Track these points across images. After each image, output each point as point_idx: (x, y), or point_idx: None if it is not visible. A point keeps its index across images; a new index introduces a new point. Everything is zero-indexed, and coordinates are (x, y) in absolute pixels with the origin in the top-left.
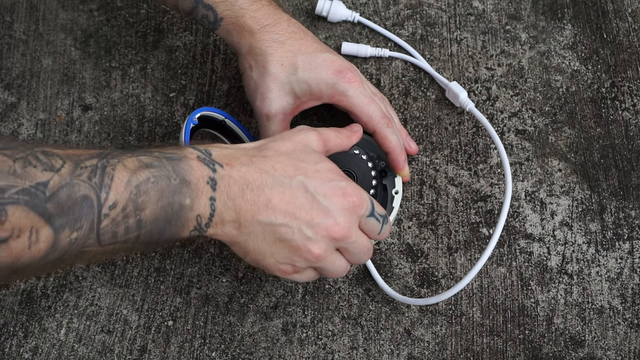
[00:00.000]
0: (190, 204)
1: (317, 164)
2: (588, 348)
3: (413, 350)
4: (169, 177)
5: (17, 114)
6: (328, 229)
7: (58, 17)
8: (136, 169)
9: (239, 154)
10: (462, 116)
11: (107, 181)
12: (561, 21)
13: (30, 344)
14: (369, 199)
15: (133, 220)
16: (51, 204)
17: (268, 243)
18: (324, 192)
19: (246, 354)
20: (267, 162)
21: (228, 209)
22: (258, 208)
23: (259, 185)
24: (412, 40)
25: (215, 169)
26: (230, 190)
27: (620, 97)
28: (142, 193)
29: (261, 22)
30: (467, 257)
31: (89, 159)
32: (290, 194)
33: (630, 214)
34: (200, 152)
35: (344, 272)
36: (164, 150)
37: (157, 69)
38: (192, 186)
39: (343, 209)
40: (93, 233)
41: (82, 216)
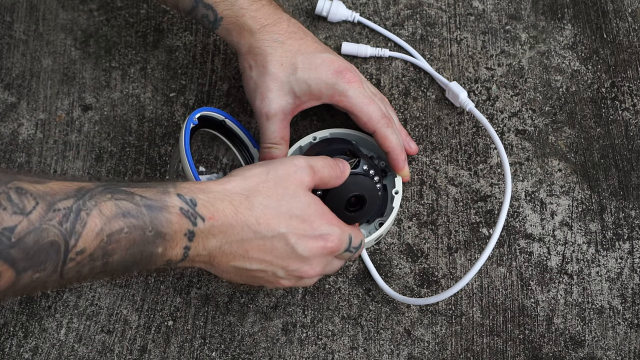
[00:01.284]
0: (163, 251)
1: (304, 211)
2: (588, 348)
3: (413, 350)
4: (143, 229)
5: (17, 114)
6: (301, 273)
7: (58, 17)
8: (111, 217)
9: (225, 205)
10: (462, 116)
11: (79, 228)
12: (561, 21)
13: (30, 344)
14: (347, 238)
15: (100, 263)
16: (16, 249)
17: (240, 276)
18: (305, 245)
19: (246, 354)
20: (252, 215)
21: (200, 255)
22: (234, 257)
23: (238, 240)
24: (412, 40)
25: (196, 222)
26: (207, 243)
27: (620, 97)
28: (113, 242)
29: (261, 22)
30: (467, 257)
31: (64, 200)
32: (270, 246)
33: (630, 214)
34: (185, 203)
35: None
36: (146, 195)
37: (157, 69)
38: (167, 237)
39: (321, 256)
40: (56, 273)
41: (47, 260)
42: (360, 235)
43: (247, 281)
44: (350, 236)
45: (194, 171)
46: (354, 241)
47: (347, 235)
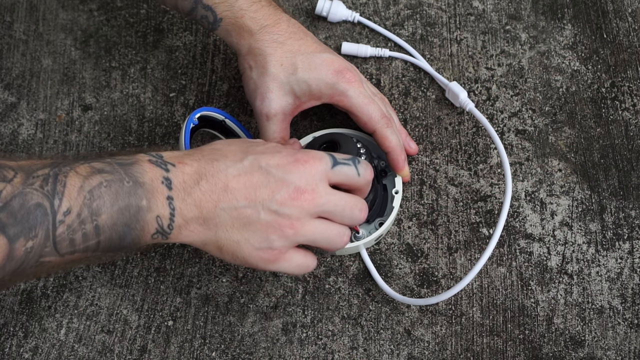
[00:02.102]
0: (148, 205)
1: (265, 145)
2: (588, 348)
3: (413, 350)
4: (121, 180)
5: (17, 114)
6: (291, 197)
7: (58, 17)
8: (88, 175)
9: (190, 152)
10: (462, 116)
11: (60, 188)
12: (561, 21)
13: (30, 344)
14: (326, 154)
15: (90, 226)
16: (4, 213)
17: (238, 229)
18: (276, 164)
19: (246, 354)
20: (217, 152)
21: (188, 205)
22: (217, 196)
23: (212, 174)
24: (412, 40)
25: (167, 168)
26: (186, 186)
27: (620, 97)
28: (96, 197)
29: (261, 23)
30: (467, 257)
31: (40, 169)
32: (245, 175)
33: (630, 214)
34: (151, 156)
35: (343, 239)
36: (115, 157)
37: (157, 69)
38: (146, 187)
39: (300, 174)
40: (49, 241)
41: (36, 224)
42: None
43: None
44: (330, 154)
45: None
46: (339, 156)
47: (322, 152)
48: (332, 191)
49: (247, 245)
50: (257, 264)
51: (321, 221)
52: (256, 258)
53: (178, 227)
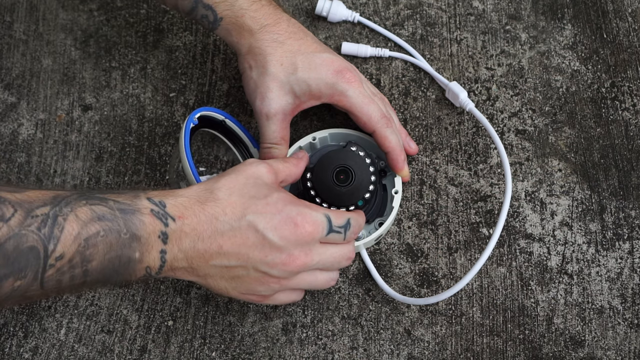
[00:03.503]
0: (140, 257)
1: (267, 197)
2: (588, 348)
3: (413, 350)
4: (119, 232)
5: (17, 114)
6: (283, 263)
7: (58, 17)
8: (87, 221)
9: (192, 203)
10: (462, 116)
11: (57, 232)
12: (561, 21)
13: (30, 344)
14: (324, 217)
15: (79, 270)
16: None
17: (226, 280)
18: (273, 227)
19: (246, 354)
20: (218, 207)
21: (179, 259)
22: (210, 255)
23: (210, 235)
24: (412, 40)
25: (167, 222)
26: (181, 243)
27: (620, 97)
28: (90, 246)
29: (261, 22)
30: (467, 257)
31: (41, 207)
32: (241, 236)
33: (630, 214)
34: (155, 205)
35: (330, 283)
36: (119, 199)
37: (157, 69)
38: (142, 241)
39: (296, 241)
40: (37, 281)
41: (27, 266)
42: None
43: (236, 288)
44: (328, 215)
45: (194, 171)
46: (335, 220)
47: (321, 215)
48: (322, 251)
49: (234, 292)
50: (244, 300)
51: (310, 273)
52: (243, 298)
53: (165, 272)
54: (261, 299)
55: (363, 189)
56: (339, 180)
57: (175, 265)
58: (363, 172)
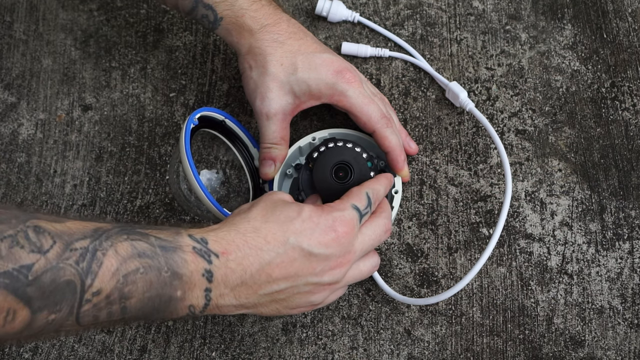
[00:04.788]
0: (182, 295)
1: (301, 214)
2: (588, 348)
3: (413, 350)
4: (159, 270)
5: (17, 114)
6: (332, 268)
7: (58, 17)
8: (127, 257)
9: (233, 236)
10: (462, 116)
11: (95, 268)
12: (561, 21)
13: (30, 344)
14: (354, 211)
15: (117, 307)
16: (32, 287)
17: (277, 302)
18: (317, 242)
19: (246, 354)
20: (259, 236)
21: (225, 296)
22: (259, 286)
23: (257, 268)
24: (412, 40)
25: (211, 260)
26: (227, 280)
27: (620, 97)
28: (129, 283)
29: (261, 22)
30: (467, 257)
31: (81, 239)
32: (288, 260)
33: (630, 214)
34: (197, 242)
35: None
36: (160, 235)
37: (157, 69)
38: (184, 279)
39: (339, 245)
40: (72, 316)
41: (63, 300)
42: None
43: (288, 306)
44: (354, 205)
45: (194, 171)
46: (360, 205)
47: (350, 210)
48: (361, 239)
49: (286, 310)
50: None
51: (354, 268)
52: (296, 312)
53: (210, 310)
54: (313, 307)
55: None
56: (338, 177)
57: (222, 303)
58: (362, 168)
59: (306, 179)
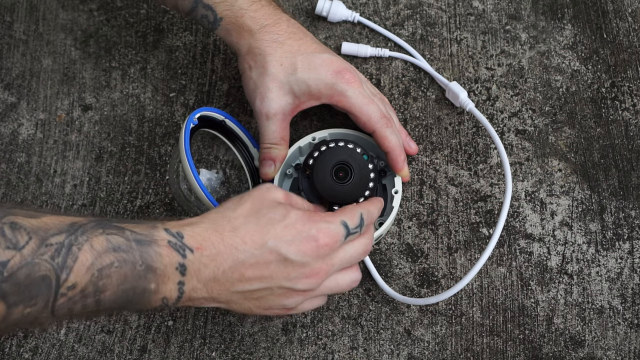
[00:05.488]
0: (156, 288)
1: (285, 219)
2: (588, 348)
3: (413, 350)
4: (134, 263)
5: (17, 114)
6: (306, 276)
7: (58, 17)
8: (102, 252)
9: (210, 233)
10: (462, 116)
11: (70, 262)
12: (561, 21)
13: (30, 344)
14: (341, 226)
15: (92, 300)
16: (8, 284)
17: (250, 301)
18: (297, 249)
19: (246, 354)
20: (237, 236)
21: (197, 290)
22: (231, 283)
23: (230, 265)
24: (412, 40)
25: (185, 254)
26: (200, 275)
27: (620, 97)
28: (104, 277)
29: (261, 22)
30: (467, 257)
31: (57, 235)
32: (263, 262)
33: (630, 214)
34: (172, 236)
35: (354, 284)
36: (136, 229)
37: (157, 69)
38: (158, 273)
39: (317, 256)
40: (47, 309)
41: (38, 295)
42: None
43: (260, 306)
44: (344, 222)
45: (194, 171)
46: (350, 223)
47: (338, 225)
48: (342, 254)
49: (258, 309)
50: (269, 315)
51: (332, 279)
52: (268, 314)
53: (184, 302)
54: (286, 311)
55: (363, 186)
56: (338, 178)
57: (194, 296)
58: (362, 169)
59: (305, 181)
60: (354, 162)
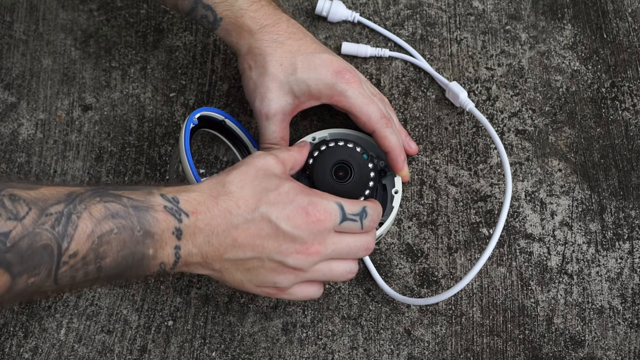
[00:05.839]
0: (154, 253)
1: (279, 187)
2: (588, 348)
3: (413, 350)
4: (132, 229)
5: (17, 114)
6: (297, 251)
7: (58, 17)
8: (101, 219)
9: (205, 198)
10: (462, 116)
11: (70, 230)
12: (561, 21)
13: (30, 344)
14: (336, 206)
15: (93, 267)
16: (11, 254)
17: (241, 272)
18: (286, 217)
19: (246, 354)
20: (231, 200)
21: (193, 255)
22: (225, 249)
23: (224, 229)
24: (412, 40)
25: (181, 219)
26: (195, 239)
27: (620, 97)
28: (104, 243)
29: (260, 22)
30: (467, 257)
31: (55, 204)
32: (255, 228)
33: (630, 214)
34: (168, 202)
35: (349, 275)
36: (132, 196)
37: (157, 69)
38: (156, 237)
39: (309, 230)
40: (50, 278)
41: (41, 263)
42: (360, 204)
43: (252, 280)
44: (340, 204)
45: (194, 171)
46: (348, 209)
47: (333, 203)
48: (337, 240)
49: (249, 284)
50: (260, 295)
51: (325, 263)
52: (259, 292)
53: (180, 268)
54: (278, 291)
55: (363, 185)
56: (338, 177)
57: (190, 261)
58: (362, 167)
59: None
60: (354, 161)
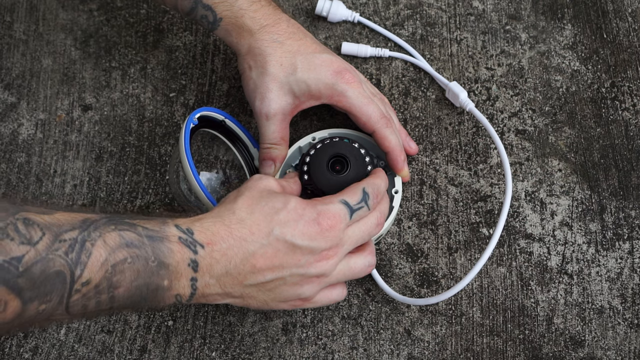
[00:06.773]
0: (169, 285)
1: (287, 205)
2: (588, 348)
3: (413, 350)
4: (147, 259)
5: (17, 114)
6: (317, 260)
7: (58, 17)
8: (115, 247)
9: (218, 228)
10: (462, 116)
11: (84, 258)
12: (561, 21)
13: (30, 344)
14: (342, 205)
15: (105, 296)
16: (23, 279)
17: (264, 293)
18: (301, 233)
19: (246, 354)
20: (244, 228)
21: (211, 286)
22: (244, 276)
23: (242, 258)
24: (412, 40)
25: (196, 250)
26: (212, 270)
27: (620, 97)
28: (117, 272)
29: (260, 23)
30: (467, 257)
31: (70, 230)
32: (272, 250)
33: (630, 214)
34: (183, 233)
35: (369, 269)
36: (147, 225)
37: (157, 69)
38: (171, 269)
39: (324, 238)
40: (62, 306)
41: (52, 290)
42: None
43: (276, 298)
44: (344, 200)
45: (194, 171)
46: (351, 200)
47: (338, 204)
48: (350, 232)
49: (274, 302)
50: (286, 309)
51: (344, 263)
52: (285, 307)
53: (197, 299)
54: (303, 302)
55: (360, 177)
56: (334, 170)
57: (207, 292)
58: (358, 159)
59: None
60: (350, 154)
